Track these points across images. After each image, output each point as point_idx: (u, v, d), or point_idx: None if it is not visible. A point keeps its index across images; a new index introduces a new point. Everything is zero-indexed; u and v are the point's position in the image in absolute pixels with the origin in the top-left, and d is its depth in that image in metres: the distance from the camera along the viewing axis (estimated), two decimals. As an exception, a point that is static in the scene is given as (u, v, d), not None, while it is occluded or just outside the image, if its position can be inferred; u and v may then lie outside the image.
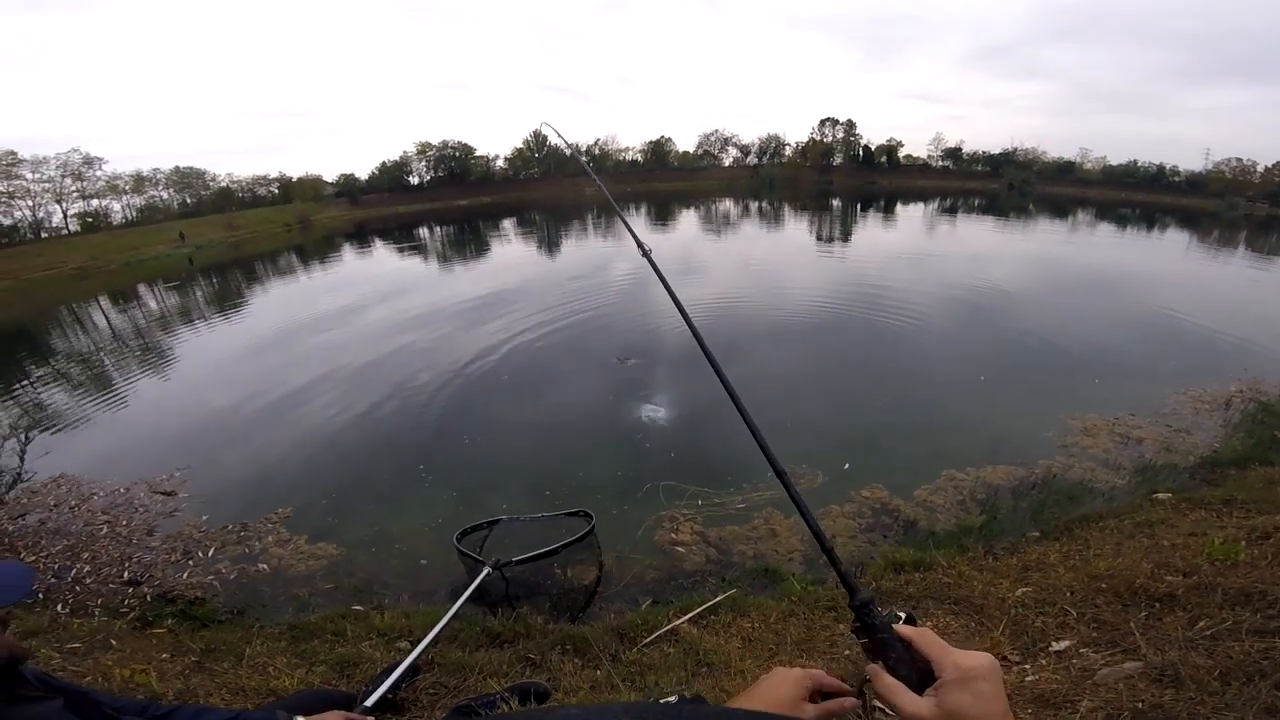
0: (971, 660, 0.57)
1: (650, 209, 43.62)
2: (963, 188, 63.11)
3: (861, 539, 4.59)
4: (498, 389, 8.13)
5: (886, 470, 5.47)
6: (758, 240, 25.76)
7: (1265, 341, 8.89)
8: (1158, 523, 3.35)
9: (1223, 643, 1.57)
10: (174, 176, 58.69)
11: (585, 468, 5.84)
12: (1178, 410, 6.48)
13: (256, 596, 4.32)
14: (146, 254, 36.61)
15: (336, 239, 37.31)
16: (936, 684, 0.58)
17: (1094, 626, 2.04)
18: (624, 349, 9.07)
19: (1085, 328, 10.10)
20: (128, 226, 50.29)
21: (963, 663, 0.57)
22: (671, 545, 4.58)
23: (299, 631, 3.57)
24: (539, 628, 3.51)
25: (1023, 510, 4.69)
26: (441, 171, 74.09)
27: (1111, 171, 65.35)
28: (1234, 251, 24.03)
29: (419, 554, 4.68)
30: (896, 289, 13.19)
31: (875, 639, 0.63)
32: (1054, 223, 33.28)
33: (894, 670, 0.60)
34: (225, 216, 51.48)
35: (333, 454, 6.54)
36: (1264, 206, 38.60)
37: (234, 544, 4.92)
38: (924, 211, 39.14)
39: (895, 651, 0.61)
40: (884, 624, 0.63)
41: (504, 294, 14.25)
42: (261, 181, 66.06)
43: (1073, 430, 6.08)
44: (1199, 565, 2.22)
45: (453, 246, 30.22)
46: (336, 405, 7.82)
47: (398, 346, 10.32)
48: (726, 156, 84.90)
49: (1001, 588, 2.93)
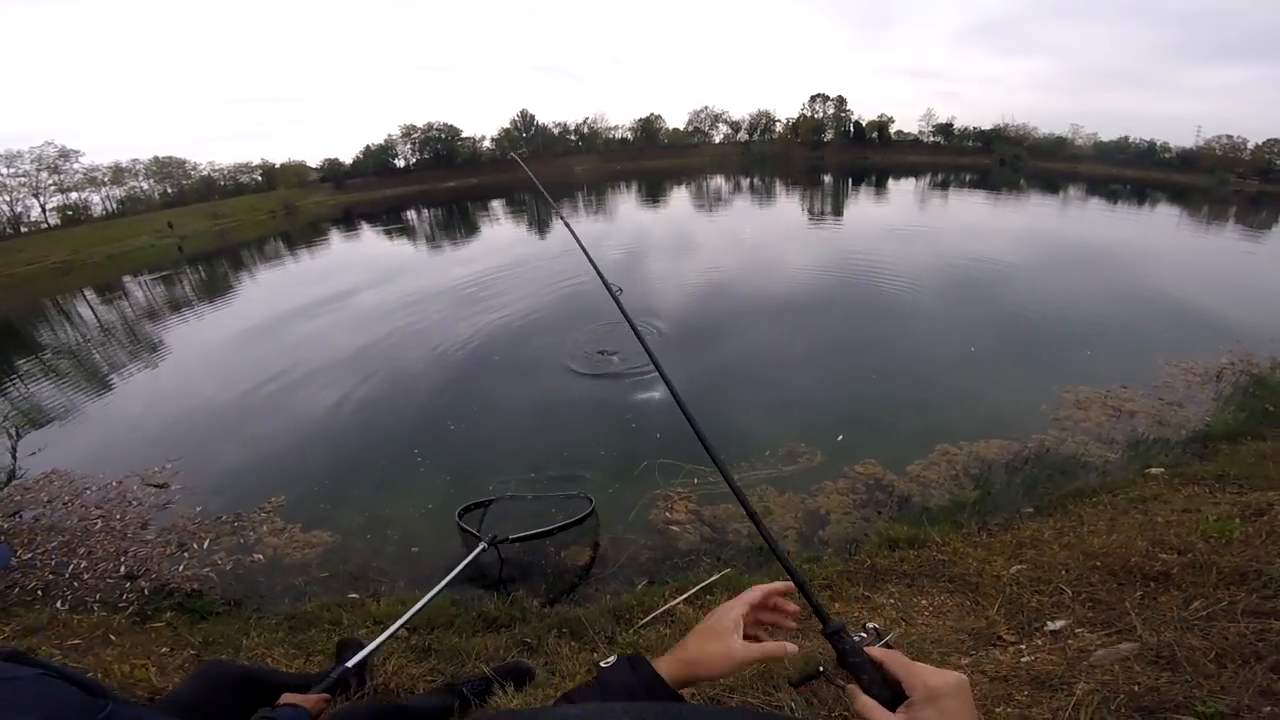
0: (938, 680, 0.63)
1: (641, 186, 43.17)
2: (954, 163, 62.68)
3: (855, 515, 4.60)
4: (490, 370, 8.07)
5: (880, 445, 5.47)
6: (749, 216, 25.57)
7: (1255, 314, 8.92)
8: (1151, 498, 3.37)
9: (1218, 623, 1.57)
10: (154, 167, 57.82)
11: (580, 448, 5.81)
12: (1170, 382, 6.51)
13: (253, 587, 4.31)
14: (130, 245, 36.09)
15: (322, 224, 36.88)
16: (907, 702, 0.63)
17: (1089, 606, 2.05)
18: (604, 338, 8.59)
19: (1076, 300, 10.11)
20: (109, 219, 49.60)
21: (930, 681, 0.62)
22: (666, 525, 4.59)
23: (296, 621, 3.57)
24: (534, 611, 3.53)
25: (1016, 485, 4.70)
26: (428, 154, 73.17)
27: (1103, 147, 65.21)
28: (1224, 226, 24.08)
29: (414, 539, 4.67)
30: (887, 263, 13.15)
31: (849, 663, 0.69)
32: (1045, 198, 33.18)
33: (869, 690, 0.66)
34: (209, 205, 51.05)
35: (325, 441, 6.50)
36: (1254, 183, 38.86)
37: (229, 535, 4.89)
38: (915, 186, 38.92)
39: (868, 673, 0.67)
40: (855, 649, 0.69)
41: (495, 274, 14.12)
42: (244, 169, 65.21)
43: (1065, 403, 6.09)
44: (1193, 543, 2.23)
45: (441, 229, 29.90)
46: (328, 392, 7.75)
47: (388, 331, 10.22)
48: (717, 133, 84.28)
49: (996, 565, 2.94)
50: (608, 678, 0.75)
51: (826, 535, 4.38)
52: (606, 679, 0.75)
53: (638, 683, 0.74)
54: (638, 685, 0.73)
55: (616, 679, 0.74)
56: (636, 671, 0.75)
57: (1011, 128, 69.69)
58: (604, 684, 0.74)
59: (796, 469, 5.18)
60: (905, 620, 2.49)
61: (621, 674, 0.75)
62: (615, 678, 0.74)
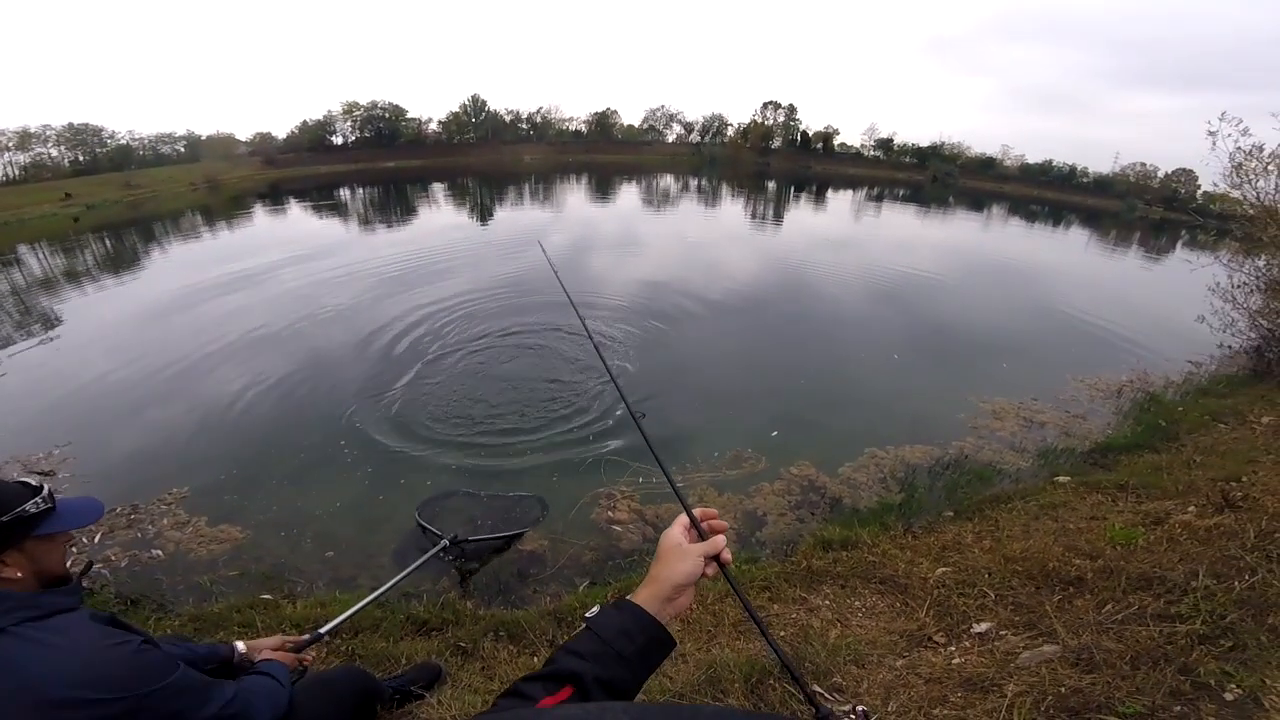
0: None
1: (591, 180, 42.84)
2: (891, 178, 65.81)
3: (791, 516, 4.69)
4: (428, 356, 7.72)
5: (813, 447, 5.62)
6: (694, 218, 25.86)
7: (1152, 336, 9.77)
8: (1060, 505, 3.60)
9: (1130, 627, 1.67)
10: (66, 133, 53.39)
11: (522, 439, 5.68)
12: (1075, 396, 7.03)
13: (152, 585, 3.93)
14: (29, 214, 32.77)
15: (247, 199, 34.54)
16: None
17: (1012, 609, 2.15)
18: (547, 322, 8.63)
19: (994, 314, 10.81)
20: (9, 185, 45.25)
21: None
22: (609, 524, 4.53)
23: (202, 623, 3.28)
24: (469, 614, 3.38)
25: (938, 490, 4.92)
26: (369, 132, 69.96)
27: (1028, 169, 70.49)
28: (1128, 249, 26.42)
29: (337, 537, 4.40)
30: (820, 270, 13.66)
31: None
32: (971, 214, 35.33)
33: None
34: (123, 175, 47.44)
35: (238, 428, 6.03)
36: (1159, 209, 43.01)
37: (124, 528, 4.45)
38: (852, 198, 40.54)
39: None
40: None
41: (429, 258, 13.68)
42: (166, 139, 60.80)
43: (983, 412, 6.46)
44: (1103, 549, 2.38)
45: (376, 209, 28.60)
46: (242, 376, 7.20)
47: (312, 311, 9.65)
48: (670, 133, 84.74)
49: (922, 567, 3.06)
50: (599, 621, 0.80)
51: (764, 536, 4.44)
52: (598, 623, 0.80)
53: (628, 618, 0.80)
54: (629, 621, 0.80)
55: (606, 622, 0.80)
56: (621, 611, 0.81)
57: (947, 145, 73.89)
58: (597, 628, 0.79)
59: (743, 475, 5.23)
60: (841, 622, 2.54)
61: (609, 617, 0.81)
62: (605, 621, 0.80)
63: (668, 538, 0.89)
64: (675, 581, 0.84)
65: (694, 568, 0.84)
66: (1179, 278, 12.84)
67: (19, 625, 1.02)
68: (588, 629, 0.81)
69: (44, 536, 1.17)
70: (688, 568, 0.84)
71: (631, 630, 0.79)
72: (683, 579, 0.84)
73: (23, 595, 1.09)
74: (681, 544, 0.87)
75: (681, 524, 0.91)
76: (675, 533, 0.90)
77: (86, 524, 1.29)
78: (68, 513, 1.22)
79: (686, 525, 0.91)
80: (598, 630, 0.79)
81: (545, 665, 0.77)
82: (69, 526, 1.22)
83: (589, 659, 0.75)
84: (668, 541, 0.88)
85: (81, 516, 1.26)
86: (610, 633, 0.78)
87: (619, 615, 0.81)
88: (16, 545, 1.12)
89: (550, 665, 0.76)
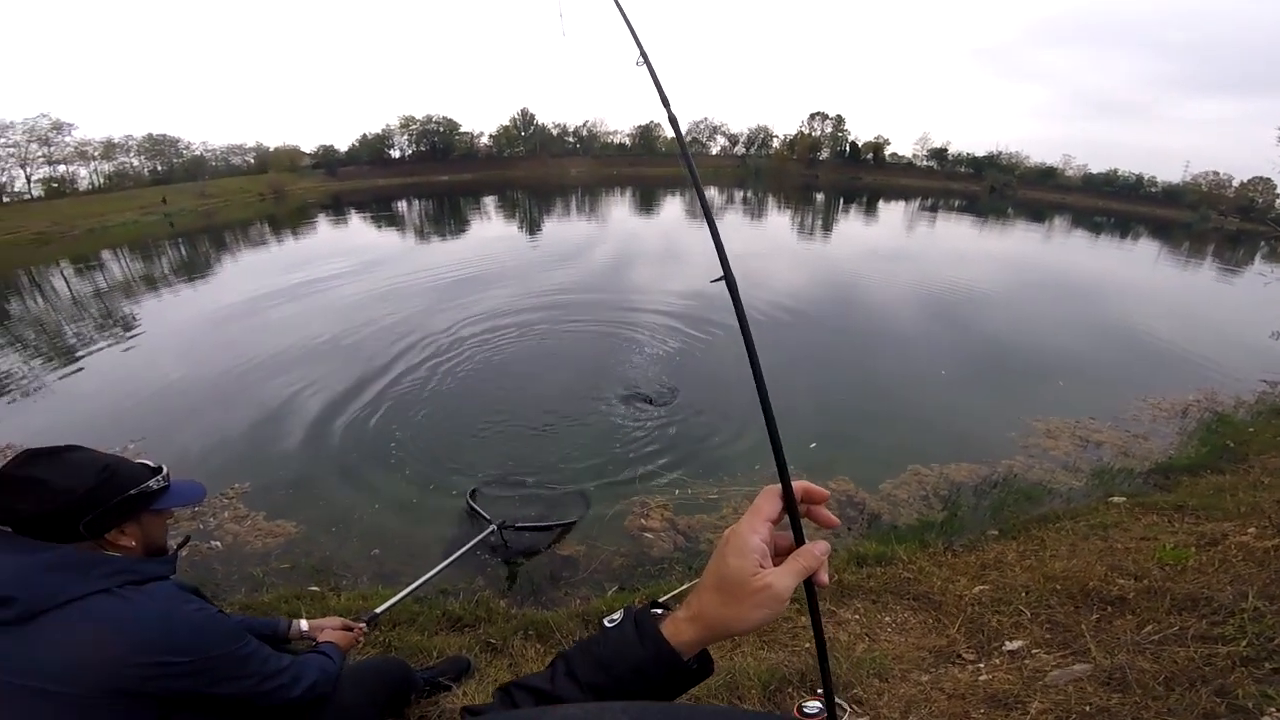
0: None
1: (636, 194, 43.30)
2: (945, 188, 63.93)
3: (825, 531, 4.59)
4: (477, 367, 7.98)
5: (854, 463, 5.52)
6: (739, 230, 25.75)
7: (1223, 353, 9.17)
8: (1112, 525, 3.43)
9: (1169, 648, 1.60)
10: (146, 143, 57.37)
11: (564, 451, 5.78)
12: (1137, 416, 6.66)
13: (209, 574, 4.18)
14: (112, 221, 35.42)
15: (311, 210, 36.43)
16: None
17: (1047, 627, 2.07)
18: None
19: (1053, 331, 10.31)
20: (94, 193, 48.75)
21: None
22: (641, 532, 4.57)
23: (251, 612, 3.47)
24: (501, 612, 3.48)
25: (983, 508, 4.76)
26: (424, 146, 72.86)
27: (1092, 179, 67.23)
28: (1202, 262, 24.79)
29: (382, 535, 4.59)
30: (869, 283, 13.35)
31: None
32: (1030, 226, 33.91)
33: None
34: (197, 184, 50.50)
35: (297, 428, 6.35)
36: (1235, 220, 40.13)
37: (187, 519, 4.76)
38: (905, 209, 39.55)
39: None
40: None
41: (483, 270, 14.06)
42: (237, 150, 64.76)
43: (1035, 431, 6.20)
44: (1150, 569, 2.27)
45: (431, 222, 29.69)
46: (303, 378, 7.60)
47: (370, 319, 10.06)
48: (715, 145, 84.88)
49: (959, 585, 2.97)
50: (611, 636, 0.64)
51: (797, 549, 4.38)
52: (609, 638, 0.64)
53: (645, 656, 0.61)
54: (645, 659, 0.61)
55: (617, 651, 0.62)
56: (644, 642, 0.61)
57: (1004, 155, 71.35)
58: (606, 660, 0.62)
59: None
60: (869, 636, 2.50)
61: (627, 644, 0.62)
62: (617, 649, 0.62)
63: (742, 556, 0.58)
64: (736, 631, 0.60)
65: (771, 615, 0.58)
66: (1255, 292, 11.99)
67: (122, 587, 1.14)
68: (596, 661, 0.63)
69: (157, 511, 1.30)
70: (760, 617, 0.57)
71: (649, 671, 0.61)
72: (740, 629, 0.60)
73: (128, 560, 1.21)
74: (760, 575, 0.57)
75: (764, 517, 0.61)
76: (753, 542, 0.59)
77: (192, 503, 1.39)
78: (178, 492, 1.34)
79: (770, 520, 0.61)
80: (606, 664, 0.62)
81: (547, 678, 0.64)
82: (178, 504, 1.34)
83: (586, 691, 0.61)
84: (740, 564, 0.58)
85: (188, 496, 1.37)
86: (623, 669, 0.61)
87: (639, 646, 0.62)
88: (135, 518, 1.24)
89: (550, 683, 0.63)
